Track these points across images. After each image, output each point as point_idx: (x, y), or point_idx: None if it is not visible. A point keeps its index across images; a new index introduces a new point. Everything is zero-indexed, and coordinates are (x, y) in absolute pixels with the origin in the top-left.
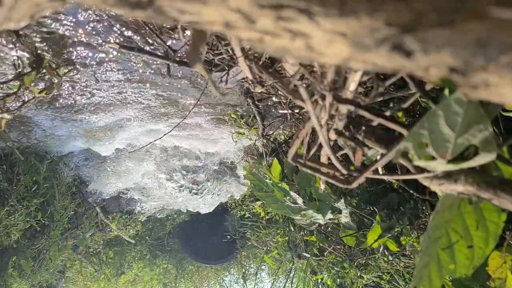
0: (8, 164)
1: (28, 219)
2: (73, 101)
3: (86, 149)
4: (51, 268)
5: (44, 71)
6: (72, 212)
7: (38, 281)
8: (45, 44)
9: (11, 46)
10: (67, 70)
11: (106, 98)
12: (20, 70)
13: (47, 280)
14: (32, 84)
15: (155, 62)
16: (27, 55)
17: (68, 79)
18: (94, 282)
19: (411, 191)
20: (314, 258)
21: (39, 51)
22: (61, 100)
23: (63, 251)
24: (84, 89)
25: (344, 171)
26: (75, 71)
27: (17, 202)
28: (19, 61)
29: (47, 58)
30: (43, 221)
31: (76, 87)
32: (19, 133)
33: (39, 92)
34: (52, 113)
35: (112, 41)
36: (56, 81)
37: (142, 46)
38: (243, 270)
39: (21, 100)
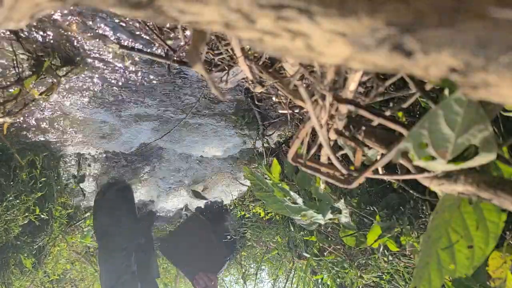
0: (4, 159)
1: (26, 214)
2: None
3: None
4: (53, 265)
5: (44, 74)
6: (71, 210)
7: (40, 278)
8: (45, 44)
9: (11, 49)
10: (67, 72)
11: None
12: (20, 74)
13: (49, 276)
14: (33, 83)
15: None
16: (27, 58)
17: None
18: (94, 282)
19: (411, 191)
20: (314, 258)
21: (39, 53)
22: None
23: (63, 249)
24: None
25: (344, 171)
26: (76, 72)
27: (14, 198)
28: (19, 65)
29: (48, 60)
30: (42, 216)
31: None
32: (17, 129)
33: (40, 94)
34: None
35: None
36: (56, 82)
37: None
38: (243, 270)
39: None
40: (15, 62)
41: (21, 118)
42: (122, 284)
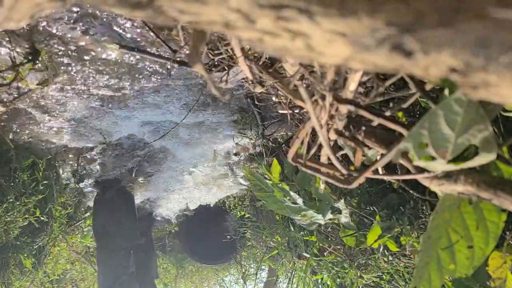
0: (4, 161)
1: (26, 215)
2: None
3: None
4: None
5: (39, 64)
6: (71, 210)
7: (40, 278)
8: (42, 39)
9: (6, 38)
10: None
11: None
12: (15, 61)
13: (49, 277)
14: (28, 71)
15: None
16: (24, 48)
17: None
18: (95, 282)
19: (411, 191)
20: (314, 258)
21: (36, 45)
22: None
23: (63, 249)
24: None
25: (344, 171)
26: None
27: (15, 199)
28: (15, 52)
29: (44, 51)
30: (42, 218)
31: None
32: (16, 127)
33: (36, 85)
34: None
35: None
36: (53, 73)
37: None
38: (243, 270)
39: (16, 93)
40: (10, 44)
41: (21, 120)
42: (120, 285)
